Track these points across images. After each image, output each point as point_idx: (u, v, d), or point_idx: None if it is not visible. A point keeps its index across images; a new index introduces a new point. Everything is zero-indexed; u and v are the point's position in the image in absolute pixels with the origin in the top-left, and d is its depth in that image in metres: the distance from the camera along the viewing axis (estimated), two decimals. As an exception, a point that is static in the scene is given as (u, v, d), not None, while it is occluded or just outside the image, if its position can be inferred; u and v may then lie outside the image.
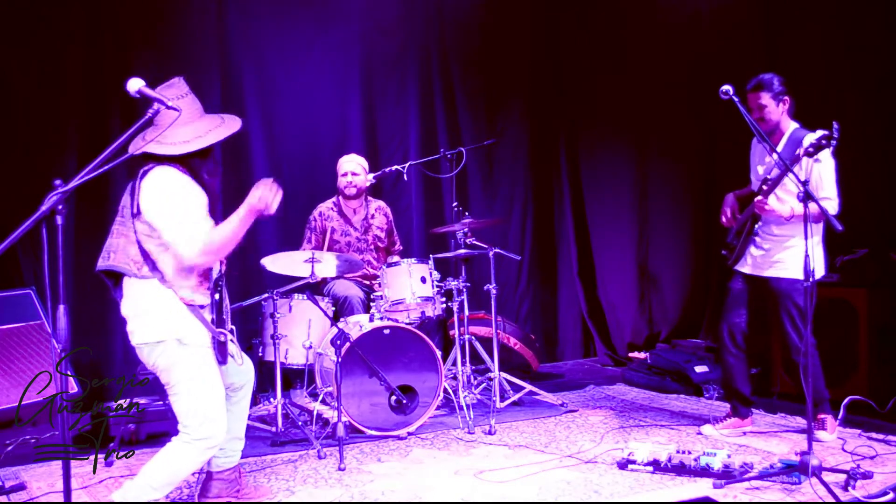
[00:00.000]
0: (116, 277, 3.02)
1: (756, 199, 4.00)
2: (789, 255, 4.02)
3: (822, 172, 3.93)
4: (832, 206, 3.92)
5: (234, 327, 3.16)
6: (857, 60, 5.01)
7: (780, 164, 3.86)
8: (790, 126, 4.08)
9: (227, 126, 3.06)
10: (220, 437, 3.00)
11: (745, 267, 4.20)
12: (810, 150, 3.65)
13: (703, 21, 6.01)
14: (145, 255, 2.91)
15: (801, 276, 3.96)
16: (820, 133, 3.62)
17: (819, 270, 4.02)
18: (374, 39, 6.18)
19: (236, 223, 2.92)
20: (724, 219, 4.28)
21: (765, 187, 3.99)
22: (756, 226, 4.11)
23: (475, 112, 6.55)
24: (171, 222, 2.86)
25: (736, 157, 4.76)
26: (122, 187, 5.17)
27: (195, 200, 2.94)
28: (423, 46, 6.37)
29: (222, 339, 3.00)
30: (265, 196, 2.96)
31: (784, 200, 3.97)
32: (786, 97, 4.04)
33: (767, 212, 3.97)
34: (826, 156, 3.91)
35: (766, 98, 4.02)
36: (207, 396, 2.98)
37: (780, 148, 4.04)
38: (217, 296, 3.04)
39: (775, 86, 4.02)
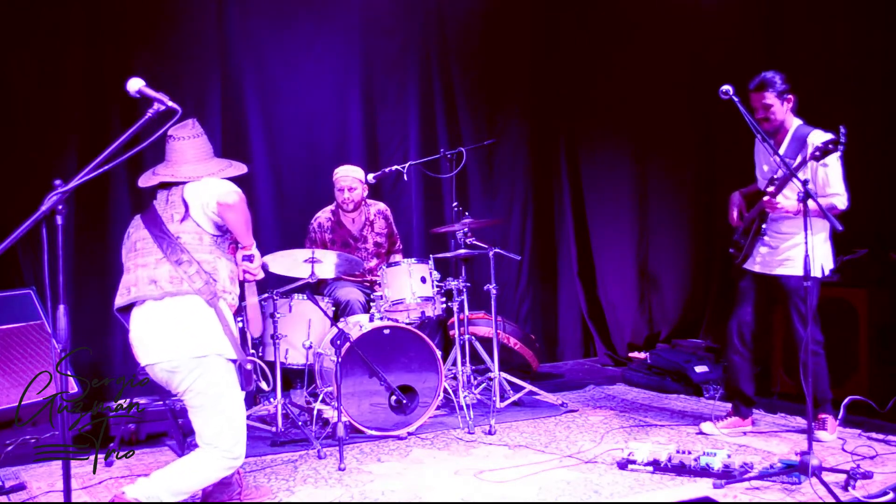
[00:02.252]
0: (127, 311, 3.10)
1: (764, 199, 3.99)
2: (798, 252, 3.97)
3: (829, 169, 3.93)
4: (842, 201, 3.93)
5: (254, 351, 3.24)
6: (857, 60, 5.00)
7: (783, 165, 3.85)
8: (794, 123, 4.06)
9: (235, 168, 3.24)
10: (244, 453, 3.09)
11: (755, 266, 4.19)
12: (817, 153, 3.62)
13: (704, 20, 6.00)
14: (194, 266, 2.97)
15: (815, 272, 3.98)
16: (827, 137, 3.59)
17: (828, 265, 4.05)
18: (374, 39, 6.18)
19: (250, 220, 3.16)
20: (732, 217, 4.27)
21: (771, 188, 3.99)
22: (763, 224, 4.09)
23: (475, 112, 6.55)
24: (215, 181, 3.06)
25: (736, 156, 4.76)
26: (121, 188, 5.26)
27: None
28: (423, 46, 6.36)
29: (249, 366, 3.10)
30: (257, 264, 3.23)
31: (790, 197, 3.97)
32: (790, 95, 4.01)
33: (777, 209, 3.97)
34: (831, 159, 3.89)
35: (770, 97, 3.99)
36: (239, 415, 3.06)
37: (784, 145, 4.04)
38: (240, 324, 3.12)
39: (779, 84, 3.99)
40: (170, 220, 3.05)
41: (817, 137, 3.93)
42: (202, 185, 3.06)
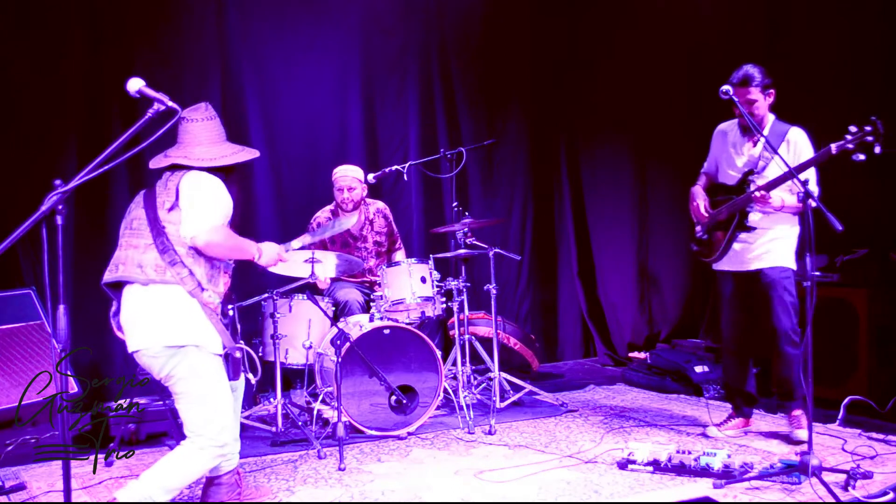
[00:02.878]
0: (117, 288, 3.10)
1: (757, 195, 3.86)
2: (776, 246, 3.98)
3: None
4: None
5: (243, 341, 3.23)
6: (858, 58, 4.98)
7: (768, 158, 3.82)
8: (769, 119, 4.02)
9: (247, 152, 3.23)
10: (232, 444, 3.09)
11: (727, 265, 4.13)
12: (848, 146, 3.52)
13: (704, 19, 5.99)
14: (175, 259, 2.96)
15: (789, 264, 3.97)
16: (856, 130, 3.48)
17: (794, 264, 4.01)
18: (374, 39, 6.18)
19: (241, 243, 3.16)
20: (700, 212, 4.16)
21: (762, 182, 3.89)
22: (745, 220, 3.98)
23: (475, 112, 6.55)
24: (196, 201, 2.98)
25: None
26: (121, 188, 5.27)
27: (224, 200, 3.08)
28: (423, 46, 6.37)
29: (238, 354, 3.10)
30: (272, 257, 3.29)
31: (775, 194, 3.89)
32: (771, 90, 3.97)
33: (770, 205, 3.87)
34: (809, 147, 3.89)
35: (755, 92, 3.93)
36: (224, 404, 3.06)
37: (761, 141, 3.97)
38: (231, 312, 3.11)
39: (761, 79, 3.94)
40: (161, 206, 3.03)
41: (798, 135, 3.92)
42: (189, 200, 2.98)
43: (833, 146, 3.60)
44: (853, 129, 3.52)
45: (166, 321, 2.96)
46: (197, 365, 2.99)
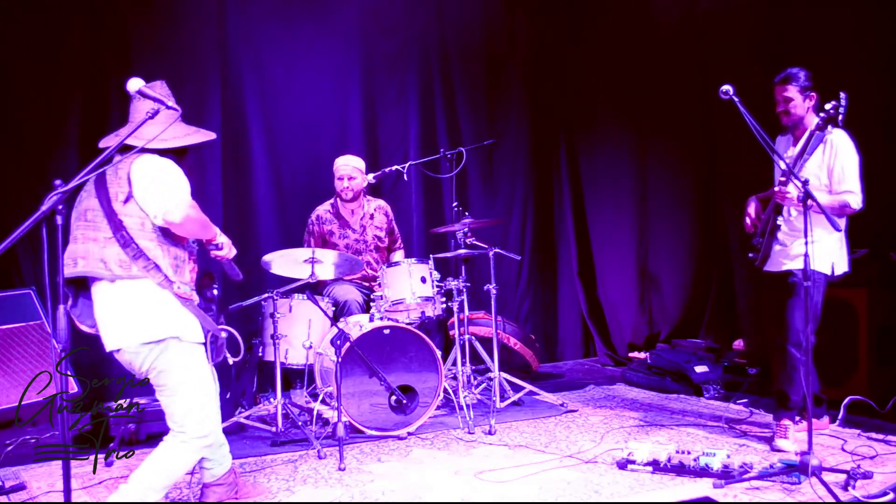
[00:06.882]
0: (78, 285, 2.97)
1: (777, 190, 3.92)
2: (812, 249, 3.76)
3: (845, 165, 3.90)
4: (855, 200, 3.89)
5: (229, 327, 3.17)
6: (858, 62, 4.97)
7: (805, 158, 3.87)
8: (813, 121, 3.98)
9: (202, 134, 3.07)
10: (214, 434, 3.04)
11: (771, 266, 4.09)
12: (820, 124, 3.61)
13: (704, 15, 5.97)
14: (138, 253, 2.86)
15: (824, 269, 3.94)
16: (829, 105, 3.59)
17: (840, 265, 4.01)
18: (374, 39, 6.19)
19: (207, 220, 3.00)
20: (748, 221, 4.15)
21: (783, 178, 3.92)
22: (779, 216, 4.01)
23: (475, 112, 6.55)
24: (163, 187, 2.84)
25: (737, 156, 4.74)
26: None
27: (183, 177, 2.94)
28: (423, 46, 6.37)
29: (224, 335, 3.03)
30: (227, 240, 3.14)
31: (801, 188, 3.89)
32: (812, 92, 4.00)
33: (787, 199, 3.89)
34: (849, 148, 3.91)
35: (792, 91, 3.99)
36: (205, 394, 3.00)
37: (802, 142, 4.00)
38: (215, 291, 3.06)
39: (802, 79, 3.99)
40: (114, 198, 2.86)
41: (838, 136, 3.91)
42: (150, 181, 2.85)
43: (811, 126, 3.77)
44: (827, 106, 3.66)
45: (141, 317, 2.88)
46: (178, 357, 2.93)
